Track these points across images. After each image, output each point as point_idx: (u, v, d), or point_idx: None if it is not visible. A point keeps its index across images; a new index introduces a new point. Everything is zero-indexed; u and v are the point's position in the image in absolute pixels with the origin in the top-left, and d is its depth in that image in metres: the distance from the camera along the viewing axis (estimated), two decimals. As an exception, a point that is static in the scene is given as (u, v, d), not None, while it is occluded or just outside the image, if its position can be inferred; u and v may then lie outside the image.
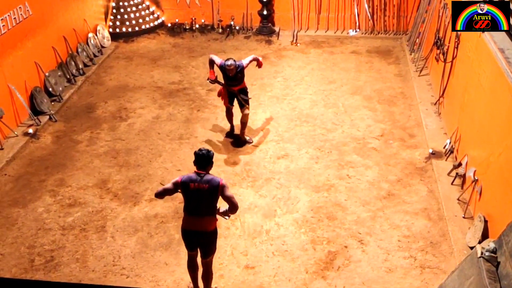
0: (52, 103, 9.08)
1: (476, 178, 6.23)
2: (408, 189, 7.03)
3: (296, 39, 11.54)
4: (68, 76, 9.69)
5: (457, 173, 6.94)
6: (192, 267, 5.37)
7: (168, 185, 5.13)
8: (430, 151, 7.60)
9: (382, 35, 11.68)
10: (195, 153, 5.15)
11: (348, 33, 11.78)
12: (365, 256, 5.99)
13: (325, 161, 7.60)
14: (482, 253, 4.62)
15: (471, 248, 5.82)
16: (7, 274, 5.85)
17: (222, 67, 7.60)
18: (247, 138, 8.12)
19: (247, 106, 7.90)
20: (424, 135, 8.08)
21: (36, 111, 8.63)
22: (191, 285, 5.53)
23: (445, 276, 5.49)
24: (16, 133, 8.17)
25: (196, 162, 5.13)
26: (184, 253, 6.07)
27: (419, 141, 8.03)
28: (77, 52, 10.18)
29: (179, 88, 9.78)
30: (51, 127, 8.62)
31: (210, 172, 5.16)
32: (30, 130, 8.24)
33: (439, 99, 8.49)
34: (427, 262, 5.88)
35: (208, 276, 5.34)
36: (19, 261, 6.04)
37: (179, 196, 6.93)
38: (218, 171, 7.43)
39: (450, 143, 7.46)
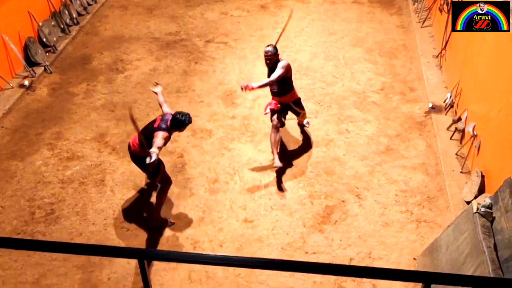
0: (47, 54, 8.91)
1: (475, 133, 6.21)
2: (406, 143, 7.03)
3: (296, -12, 11.21)
4: (62, 26, 9.47)
5: (456, 128, 6.92)
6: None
7: None
8: (430, 105, 7.54)
9: (384, -16, 11.34)
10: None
11: (349, -18, 11.42)
12: (362, 210, 6.05)
13: (325, 116, 7.55)
14: (477, 208, 4.66)
15: (467, 202, 5.88)
16: (8, 227, 5.93)
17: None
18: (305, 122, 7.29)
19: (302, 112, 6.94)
20: (424, 89, 8.00)
21: (30, 62, 8.49)
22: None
23: (440, 230, 5.57)
24: (11, 84, 8.06)
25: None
26: (183, 207, 6.16)
27: (419, 95, 7.95)
28: (71, 1, 9.90)
29: (176, 39, 9.58)
30: (47, 78, 8.50)
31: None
32: (26, 82, 8.14)
33: (441, 52, 8.35)
34: (423, 216, 5.95)
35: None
36: (19, 214, 6.10)
37: (177, 150, 6.97)
38: (216, 125, 7.41)
39: (450, 97, 7.39)
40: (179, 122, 5.44)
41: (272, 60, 6.40)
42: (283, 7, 10.62)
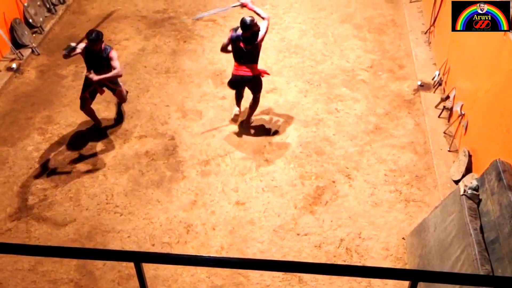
0: (34, 35, 8.79)
1: (463, 113, 6.29)
2: (395, 122, 7.11)
3: (285, -38, 11.05)
4: (48, 6, 9.31)
5: (444, 106, 6.99)
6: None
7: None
8: (419, 83, 7.60)
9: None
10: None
11: (338, -46, 11.27)
12: (352, 190, 6.16)
13: (314, 95, 7.59)
14: (464, 190, 4.78)
15: (455, 182, 6.01)
16: (2, 214, 5.98)
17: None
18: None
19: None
20: (413, 66, 8.04)
21: (17, 44, 8.37)
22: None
23: (428, 210, 5.71)
24: (-2, 68, 7.98)
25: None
26: (175, 190, 6.23)
27: (408, 72, 7.99)
28: (56, -21, 9.71)
29: (164, 17, 9.48)
30: (34, 61, 8.41)
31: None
32: (14, 65, 8.05)
33: (429, 28, 8.35)
34: (412, 195, 6.08)
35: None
36: (13, 201, 6.15)
37: (168, 133, 7.00)
38: (207, 106, 7.42)
39: (438, 75, 7.44)
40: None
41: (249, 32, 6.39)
42: (271, -18, 10.48)
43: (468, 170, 5.90)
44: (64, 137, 6.97)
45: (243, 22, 6.27)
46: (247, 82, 6.65)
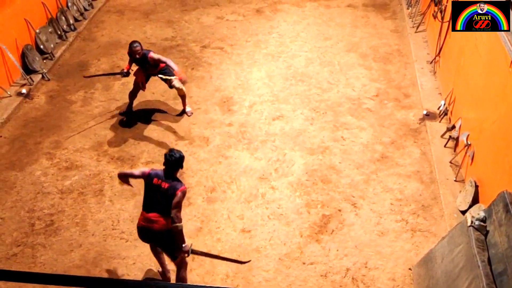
0: (44, 61, 8.94)
1: (469, 143, 6.31)
2: (401, 151, 7.13)
3: (292, -8, 11.28)
4: (59, 32, 9.49)
5: (450, 136, 7.02)
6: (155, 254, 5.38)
7: (135, 171, 5.26)
8: (425, 112, 7.64)
9: (379, -13, 11.42)
10: (166, 157, 4.90)
11: (344, -15, 11.49)
12: (358, 219, 6.15)
13: (320, 123, 7.64)
14: (472, 222, 4.77)
15: (462, 212, 6.00)
16: (8, 238, 5.99)
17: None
18: (188, 109, 7.88)
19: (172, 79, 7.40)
20: (419, 95, 8.10)
21: (28, 70, 8.52)
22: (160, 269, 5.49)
23: (435, 239, 5.69)
24: (9, 93, 8.09)
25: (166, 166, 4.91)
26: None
27: (413, 101, 8.05)
28: (67, 6, 9.91)
29: (172, 44, 9.63)
30: (44, 86, 8.54)
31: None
32: (24, 90, 8.17)
33: (435, 58, 8.44)
34: (418, 225, 6.06)
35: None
36: (19, 225, 6.16)
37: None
38: (213, 133, 7.47)
39: (444, 104, 7.49)
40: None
41: (140, 53, 7.12)
42: (278, 11, 10.68)
43: (475, 200, 5.89)
44: (72, 162, 7.02)
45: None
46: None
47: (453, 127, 6.98)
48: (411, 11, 10.16)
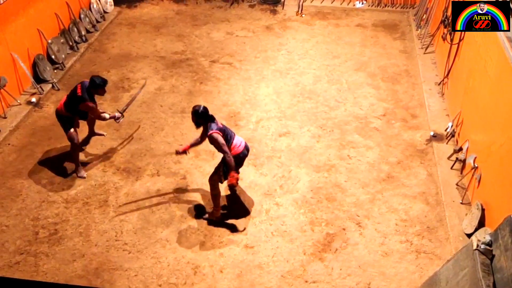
0: (55, 71, 9.03)
1: (476, 166, 6.28)
2: (407, 171, 7.10)
3: (302, 10, 11.38)
4: (71, 43, 9.59)
5: (457, 158, 6.99)
6: None
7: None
8: (432, 133, 7.62)
9: (388, 8, 11.51)
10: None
11: (354, 5, 11.59)
12: (363, 239, 6.11)
13: (327, 140, 7.64)
14: (477, 245, 4.72)
15: (467, 235, 5.94)
16: (11, 246, 5.99)
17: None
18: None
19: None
20: (426, 116, 8.09)
21: (38, 79, 8.60)
22: None
23: (440, 262, 5.63)
24: (19, 101, 8.16)
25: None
26: (184, 230, 6.22)
27: (421, 122, 8.04)
28: (80, 18, 10.04)
29: (182, 58, 9.70)
30: (54, 95, 8.60)
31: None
32: (33, 99, 8.24)
33: (443, 80, 8.45)
34: (423, 247, 6.01)
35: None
36: (23, 233, 6.17)
37: (180, 172, 7.05)
38: (220, 148, 7.47)
39: (452, 126, 7.47)
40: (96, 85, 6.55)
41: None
42: (288, 28, 10.75)
43: (481, 224, 5.84)
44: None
45: None
46: None
47: (460, 149, 6.96)
48: (420, 32, 10.20)
